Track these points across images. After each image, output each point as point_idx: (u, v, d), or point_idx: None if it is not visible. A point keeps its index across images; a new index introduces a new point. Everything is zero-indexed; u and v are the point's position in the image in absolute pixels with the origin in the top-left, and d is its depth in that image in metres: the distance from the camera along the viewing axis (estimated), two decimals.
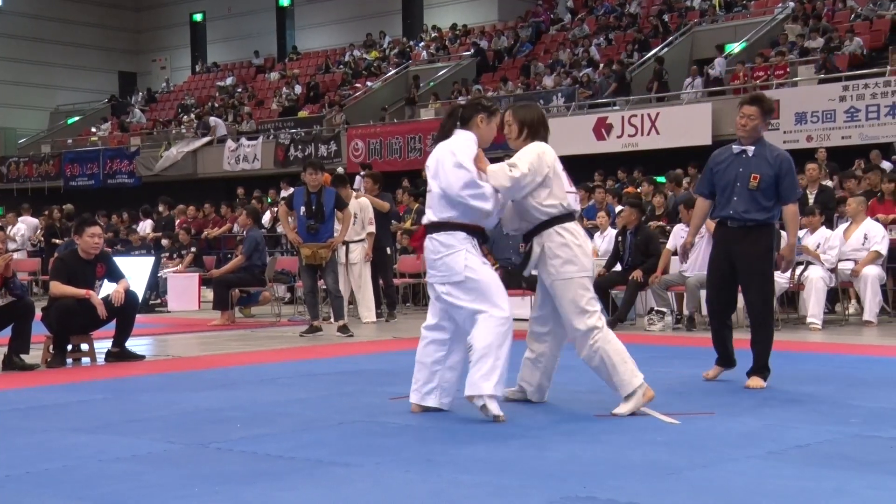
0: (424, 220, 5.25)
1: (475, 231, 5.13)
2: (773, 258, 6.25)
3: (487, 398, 4.95)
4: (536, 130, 5.28)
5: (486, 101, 5.35)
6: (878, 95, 17.20)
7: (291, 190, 13.72)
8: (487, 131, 5.22)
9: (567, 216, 5.22)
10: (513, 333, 5.05)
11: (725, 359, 6.40)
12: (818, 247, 10.35)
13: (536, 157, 5.12)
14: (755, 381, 6.14)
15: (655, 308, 10.39)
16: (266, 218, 16.87)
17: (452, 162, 5.03)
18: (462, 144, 5.12)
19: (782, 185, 6.02)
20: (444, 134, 5.25)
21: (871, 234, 10.39)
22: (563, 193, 5.20)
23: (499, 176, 5.07)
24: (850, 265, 10.34)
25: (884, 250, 10.31)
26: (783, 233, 6.94)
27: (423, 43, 29.84)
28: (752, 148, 6.09)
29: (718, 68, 21.18)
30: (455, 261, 5.05)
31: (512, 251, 10.23)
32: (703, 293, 10.55)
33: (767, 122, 6.15)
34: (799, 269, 10.27)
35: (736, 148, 6.19)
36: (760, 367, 6.18)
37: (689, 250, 6.81)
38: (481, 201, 5.03)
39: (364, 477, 3.99)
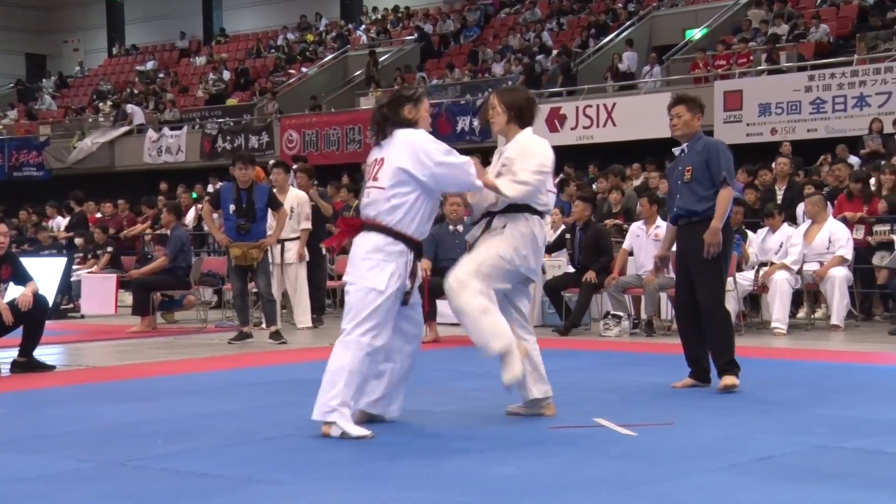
0: (365, 214, 5.23)
1: (414, 245, 5.17)
2: (724, 253, 6.47)
3: (337, 424, 4.97)
4: (523, 114, 5.44)
5: (405, 90, 5.45)
6: (844, 86, 17.54)
7: (220, 185, 13.62)
8: (420, 120, 5.28)
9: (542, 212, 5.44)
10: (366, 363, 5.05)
11: (697, 369, 6.53)
12: (781, 246, 10.50)
13: (539, 163, 5.34)
14: (727, 380, 6.31)
15: (611, 312, 10.48)
16: (190, 216, 16.69)
17: (442, 149, 5.13)
18: (426, 136, 5.22)
19: (711, 169, 6.42)
20: (384, 135, 5.27)
21: (835, 236, 10.52)
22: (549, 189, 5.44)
23: (509, 189, 5.25)
24: (815, 266, 10.51)
25: (849, 255, 10.47)
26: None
27: (363, 26, 29.76)
28: (687, 144, 6.60)
29: (627, 62, 21.55)
30: (380, 270, 5.04)
31: (459, 250, 10.24)
32: (663, 296, 10.72)
33: (698, 117, 6.60)
34: (762, 271, 10.43)
35: (677, 150, 6.73)
36: (726, 364, 6.34)
37: (663, 264, 7.13)
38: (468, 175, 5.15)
39: (297, 495, 3.97)
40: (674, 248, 6.94)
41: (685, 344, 6.62)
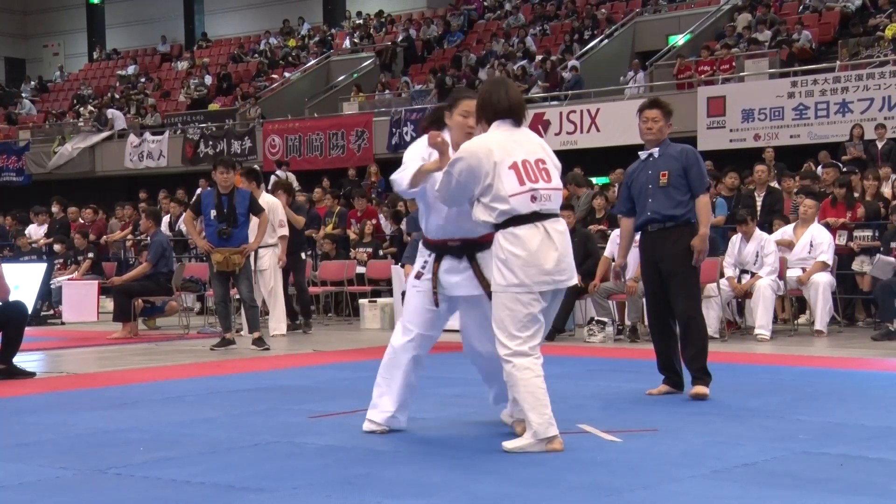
0: None
1: (432, 246, 5.24)
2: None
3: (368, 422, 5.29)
4: (480, 115, 5.00)
5: (454, 93, 5.44)
6: (827, 92, 17.64)
7: (205, 190, 13.52)
8: (454, 126, 5.23)
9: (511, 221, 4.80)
10: (402, 360, 5.20)
11: (671, 375, 6.55)
12: (757, 256, 10.46)
13: (452, 177, 4.80)
14: (699, 389, 6.33)
15: (596, 318, 10.50)
16: (164, 222, 16.47)
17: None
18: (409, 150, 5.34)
19: (690, 176, 6.45)
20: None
21: (816, 241, 10.55)
22: (503, 197, 4.77)
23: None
24: (798, 272, 10.55)
25: (829, 260, 10.51)
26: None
27: (357, 33, 29.65)
28: (657, 150, 6.60)
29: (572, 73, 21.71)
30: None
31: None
32: (644, 301, 10.73)
33: (669, 124, 6.65)
34: (745, 278, 10.44)
35: (643, 154, 6.71)
36: (699, 371, 6.37)
37: (623, 272, 7.01)
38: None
39: (279, 503, 3.96)
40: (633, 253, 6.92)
41: (658, 351, 6.62)
